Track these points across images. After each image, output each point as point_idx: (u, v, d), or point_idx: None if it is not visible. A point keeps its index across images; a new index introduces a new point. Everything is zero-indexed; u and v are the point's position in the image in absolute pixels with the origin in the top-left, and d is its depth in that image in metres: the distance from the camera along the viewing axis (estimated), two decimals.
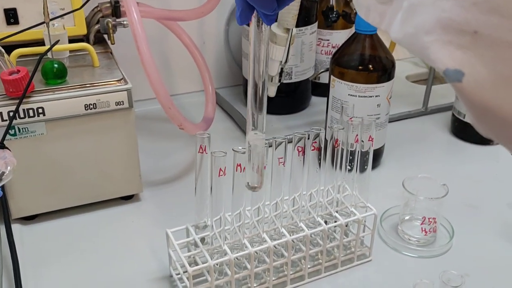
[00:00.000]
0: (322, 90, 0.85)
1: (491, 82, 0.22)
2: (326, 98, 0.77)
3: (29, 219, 0.66)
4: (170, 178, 0.76)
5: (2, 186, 0.55)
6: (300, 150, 0.53)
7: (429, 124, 0.93)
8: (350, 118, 0.58)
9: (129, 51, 0.70)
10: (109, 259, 0.61)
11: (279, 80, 0.80)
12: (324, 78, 0.93)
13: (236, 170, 0.50)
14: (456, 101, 0.87)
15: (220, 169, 0.49)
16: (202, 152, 0.52)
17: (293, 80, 0.92)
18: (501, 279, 0.59)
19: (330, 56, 0.96)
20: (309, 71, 0.94)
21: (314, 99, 0.99)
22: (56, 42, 0.60)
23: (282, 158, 0.52)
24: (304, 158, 0.53)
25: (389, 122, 0.78)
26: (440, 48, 0.23)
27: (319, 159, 0.55)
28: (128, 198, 0.70)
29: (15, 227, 0.64)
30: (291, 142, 0.54)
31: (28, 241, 0.63)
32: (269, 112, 0.89)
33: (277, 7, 0.39)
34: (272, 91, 0.81)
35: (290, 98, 0.94)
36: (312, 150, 0.54)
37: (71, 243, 0.63)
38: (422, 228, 0.62)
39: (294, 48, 0.88)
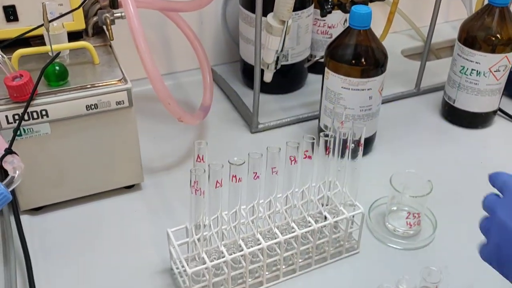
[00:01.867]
0: (319, 68, 0.87)
1: None
2: (321, 76, 0.78)
3: (36, 210, 0.69)
4: (170, 165, 0.79)
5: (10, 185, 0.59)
6: (292, 159, 0.56)
7: (421, 105, 0.95)
8: (341, 122, 0.61)
9: (126, 32, 0.70)
10: (114, 248, 0.65)
11: (275, 68, 0.82)
12: (320, 55, 0.94)
13: (232, 181, 0.53)
14: (447, 86, 0.89)
15: (217, 181, 0.52)
16: (200, 161, 0.55)
17: (289, 62, 0.93)
18: (481, 270, 0.63)
19: (326, 35, 0.97)
20: (305, 52, 0.95)
21: (311, 77, 1.01)
22: (57, 55, 0.62)
23: (275, 167, 0.55)
24: (296, 165, 0.56)
25: (382, 103, 0.81)
26: None
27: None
28: (130, 187, 0.74)
29: (24, 218, 0.68)
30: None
31: (36, 231, 0.67)
32: (265, 91, 0.93)
33: None
34: (268, 77, 0.83)
35: (286, 78, 0.96)
36: (304, 158, 0.57)
37: (77, 232, 0.68)
38: (407, 222, 0.66)
39: (291, 32, 0.89)
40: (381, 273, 0.62)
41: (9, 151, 0.57)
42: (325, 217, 0.62)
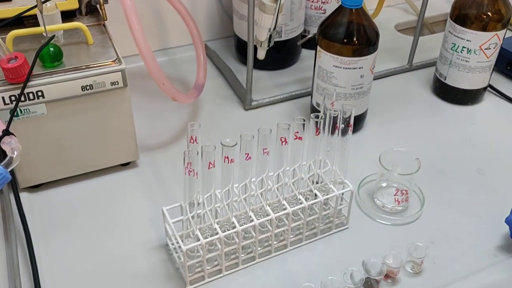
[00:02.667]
0: (312, 43, 0.88)
1: None
2: (315, 52, 0.79)
3: (35, 187, 0.71)
4: (165, 143, 0.81)
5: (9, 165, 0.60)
6: (283, 141, 0.57)
7: (413, 82, 0.97)
8: (332, 103, 0.62)
9: (120, 9, 0.70)
10: (111, 224, 0.67)
11: (268, 45, 0.82)
12: (314, 31, 0.95)
13: (224, 162, 0.55)
14: (439, 63, 0.90)
15: (210, 163, 0.54)
16: (193, 142, 0.56)
17: (283, 38, 0.94)
18: (466, 245, 0.66)
19: (320, 11, 0.98)
20: (299, 28, 0.96)
21: (305, 53, 1.02)
22: (52, 38, 0.62)
23: (266, 148, 0.57)
24: (287, 146, 0.58)
25: (374, 79, 0.82)
26: None
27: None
28: (126, 165, 0.75)
29: (23, 196, 0.70)
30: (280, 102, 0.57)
31: (36, 208, 0.69)
32: (259, 68, 0.93)
33: None
34: (261, 55, 0.84)
35: (280, 54, 0.97)
36: (294, 139, 0.58)
37: (76, 208, 0.70)
38: (395, 198, 0.69)
39: (284, 8, 0.89)
40: (369, 247, 0.64)
41: (6, 133, 0.59)
42: (315, 195, 0.64)
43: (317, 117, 0.59)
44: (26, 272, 0.60)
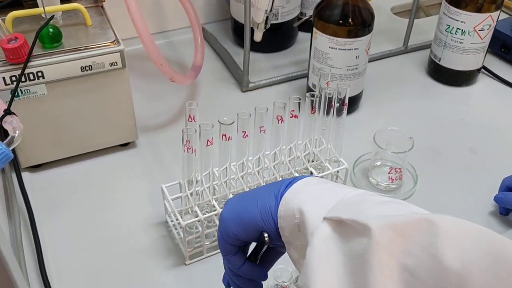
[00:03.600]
0: (309, 26, 0.89)
1: None
2: (311, 34, 0.80)
3: (36, 167, 0.73)
4: (164, 123, 0.82)
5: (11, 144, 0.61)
6: (279, 119, 0.58)
7: (408, 63, 0.98)
8: (327, 82, 0.63)
9: None
10: (112, 202, 0.69)
11: (265, 27, 0.83)
12: (310, 13, 0.95)
13: (222, 140, 0.56)
14: (434, 44, 0.91)
15: (208, 140, 0.55)
16: (192, 121, 0.57)
17: (279, 21, 0.95)
18: None
19: None
20: (295, 10, 0.97)
21: (301, 35, 1.03)
22: (51, 18, 0.63)
23: (263, 127, 0.58)
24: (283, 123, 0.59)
25: (369, 62, 0.83)
26: None
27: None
28: (125, 145, 0.77)
29: (25, 175, 0.71)
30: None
31: (37, 187, 0.70)
32: (256, 50, 0.94)
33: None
34: (258, 36, 0.85)
35: (277, 36, 0.97)
36: (290, 117, 0.60)
37: (76, 188, 0.71)
38: (389, 176, 0.70)
39: None
40: None
41: (8, 112, 0.60)
42: (311, 173, 0.66)
43: (312, 95, 0.61)
44: (29, 247, 0.62)
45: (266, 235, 0.42)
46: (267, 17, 0.82)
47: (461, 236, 0.31)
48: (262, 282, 0.48)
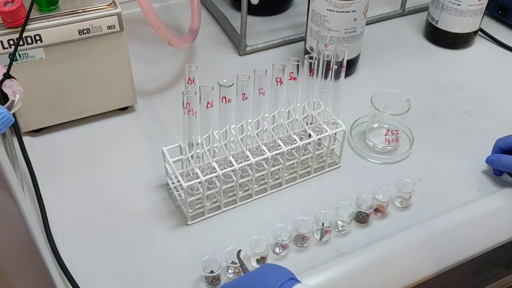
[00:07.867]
0: None
1: None
2: None
3: (37, 131, 0.73)
4: (162, 87, 0.82)
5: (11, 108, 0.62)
6: (278, 81, 0.59)
7: (405, 26, 0.98)
8: (325, 45, 0.64)
9: None
10: (112, 166, 0.70)
11: None
12: None
13: (222, 102, 0.57)
14: (431, 7, 0.91)
15: (208, 102, 0.56)
16: (191, 83, 0.58)
17: None
18: (452, 182, 0.69)
19: None
20: None
21: None
22: None
23: (262, 89, 0.58)
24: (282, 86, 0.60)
25: (367, 24, 0.83)
26: None
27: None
28: (124, 109, 0.77)
29: (26, 139, 0.71)
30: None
31: (38, 151, 0.71)
32: (253, 13, 0.94)
33: None
34: None
35: None
36: (289, 79, 0.60)
37: (77, 152, 0.72)
38: (386, 138, 0.71)
39: None
40: (360, 185, 0.67)
41: (7, 76, 0.60)
42: (309, 135, 0.67)
43: (311, 58, 0.61)
44: (33, 209, 0.63)
45: None
46: None
47: None
48: (260, 241, 0.48)
